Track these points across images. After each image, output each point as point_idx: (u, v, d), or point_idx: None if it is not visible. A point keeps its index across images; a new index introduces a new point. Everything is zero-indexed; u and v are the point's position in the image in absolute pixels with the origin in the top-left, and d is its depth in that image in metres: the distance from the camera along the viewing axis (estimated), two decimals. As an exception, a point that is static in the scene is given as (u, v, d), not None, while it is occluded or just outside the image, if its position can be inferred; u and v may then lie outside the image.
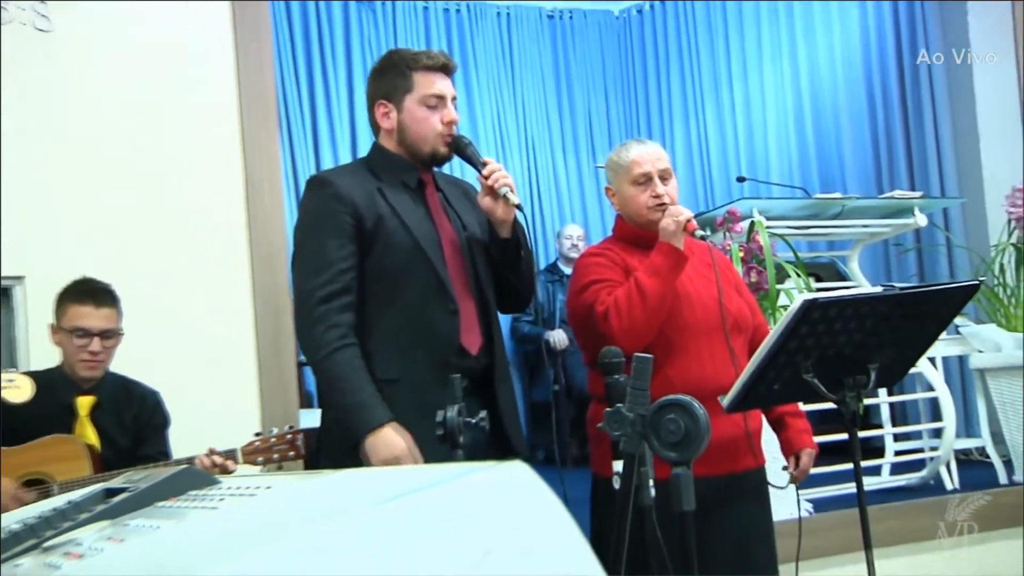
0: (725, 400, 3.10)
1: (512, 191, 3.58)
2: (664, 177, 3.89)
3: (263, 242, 5.35)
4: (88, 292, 4.31)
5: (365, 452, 3.36)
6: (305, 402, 5.51)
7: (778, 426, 4.12)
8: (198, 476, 1.24)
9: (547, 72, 11.09)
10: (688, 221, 3.74)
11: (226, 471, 4.03)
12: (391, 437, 3.38)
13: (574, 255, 9.31)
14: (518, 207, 3.63)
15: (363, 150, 4.22)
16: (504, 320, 6.06)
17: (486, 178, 3.61)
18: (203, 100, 5.39)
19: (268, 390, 5.29)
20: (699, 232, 3.75)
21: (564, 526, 0.78)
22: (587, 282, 3.94)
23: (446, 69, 3.72)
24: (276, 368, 5.33)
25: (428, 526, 0.74)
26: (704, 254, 4.16)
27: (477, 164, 3.66)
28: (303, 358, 5.42)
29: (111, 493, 1.29)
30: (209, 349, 5.08)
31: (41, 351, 4.71)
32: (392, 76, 3.72)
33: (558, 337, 9.14)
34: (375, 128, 3.80)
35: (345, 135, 9.78)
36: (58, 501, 1.47)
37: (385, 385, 3.52)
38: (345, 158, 9.82)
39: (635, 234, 4.00)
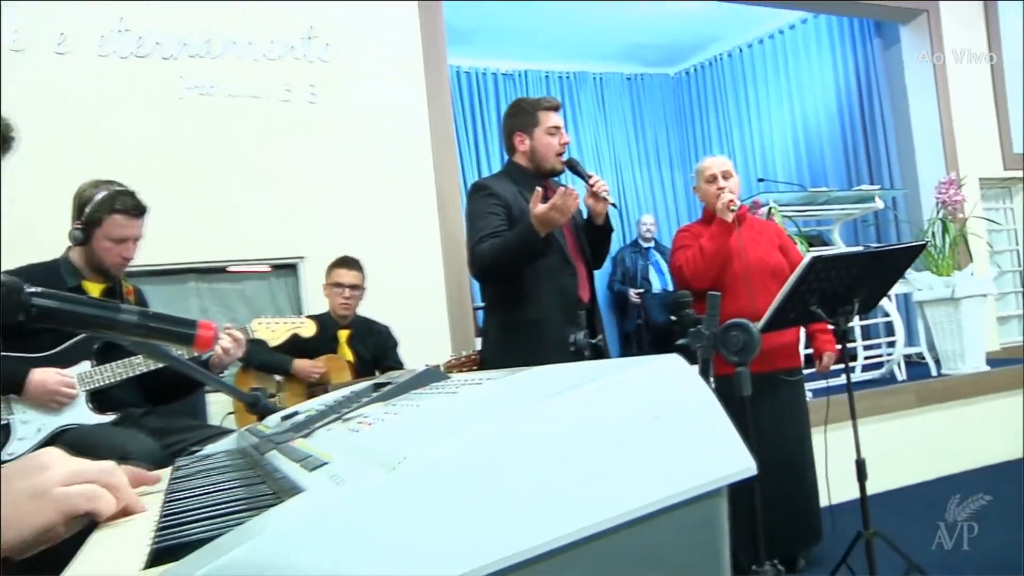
0: (759, 325, 3.07)
1: (607, 192, 3.63)
2: (726, 176, 4.00)
3: (447, 226, 5.55)
4: (345, 261, 4.54)
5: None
6: (478, 334, 5.54)
7: (811, 337, 4.30)
8: (437, 374, 1.23)
9: (627, 116, 11.02)
10: (729, 201, 3.89)
11: None
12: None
13: (648, 236, 9.41)
14: (613, 205, 3.68)
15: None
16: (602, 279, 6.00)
17: (592, 186, 3.62)
18: (411, 141, 5.53)
19: (454, 326, 5.39)
20: (733, 208, 3.90)
21: (714, 408, 0.75)
22: (675, 248, 4.18)
23: (557, 108, 3.79)
24: (459, 311, 5.46)
25: (610, 401, 0.72)
26: (764, 228, 4.32)
27: (584, 176, 3.68)
28: (476, 304, 5.50)
29: (378, 386, 1.29)
30: (416, 298, 5.24)
31: (316, 304, 4.78)
32: (524, 116, 3.77)
33: (634, 292, 9.17)
34: (511, 150, 3.81)
35: (495, 157, 9.72)
36: (340, 394, 1.49)
37: (534, 323, 3.55)
38: (487, 171, 9.79)
39: (711, 217, 4.10)
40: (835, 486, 3.71)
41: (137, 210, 3.20)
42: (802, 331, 4.56)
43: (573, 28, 9.52)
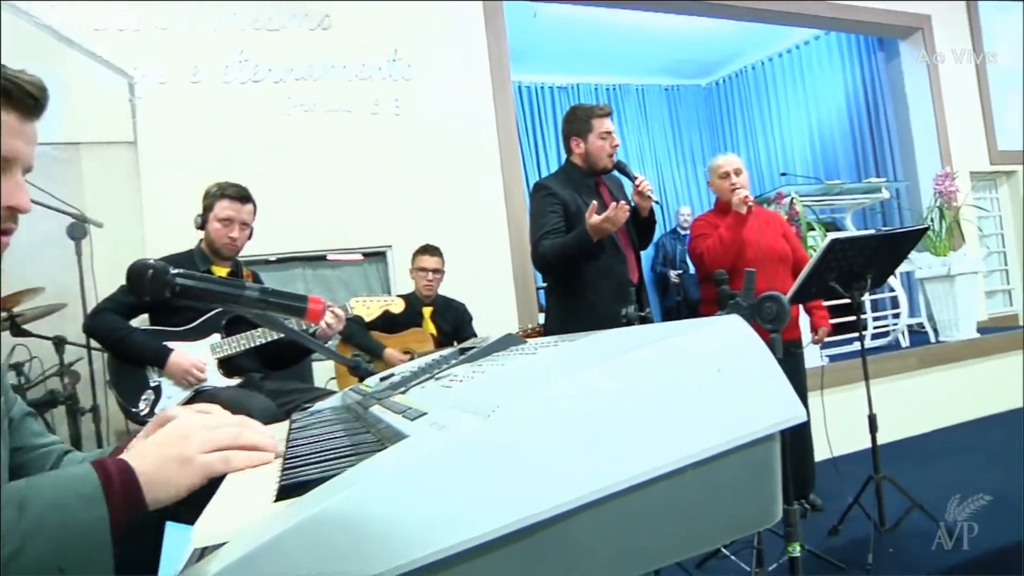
0: (786, 297, 3.00)
1: (651, 191, 3.62)
2: (738, 172, 3.89)
3: (513, 218, 5.54)
4: (427, 249, 4.52)
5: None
6: (540, 310, 5.54)
7: (809, 313, 4.14)
8: (515, 340, 1.21)
9: (665, 122, 10.96)
10: (744, 197, 3.79)
11: None
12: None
13: (685, 224, 9.30)
14: (656, 202, 3.67)
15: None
16: (646, 262, 5.98)
17: (637, 186, 3.61)
18: (481, 146, 5.54)
19: (520, 302, 5.40)
20: (750, 203, 3.80)
21: (769, 362, 0.73)
22: (693, 236, 4.07)
23: (609, 115, 3.72)
24: (524, 290, 5.46)
25: (678, 356, 0.70)
26: (769, 218, 4.18)
27: (631, 177, 3.66)
28: (538, 284, 5.49)
29: (463, 351, 1.28)
30: (487, 279, 5.24)
31: (403, 286, 4.81)
32: (578, 122, 3.70)
33: (674, 272, 9.09)
34: (568, 152, 3.76)
35: (552, 159, 9.70)
36: (429, 359, 1.48)
37: (591, 303, 3.53)
38: (545, 172, 9.79)
39: (723, 207, 4.00)
40: (846, 439, 3.67)
41: (241, 197, 3.28)
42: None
43: (618, 46, 9.50)
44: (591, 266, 3.52)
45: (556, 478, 0.64)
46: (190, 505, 1.11)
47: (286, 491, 0.74)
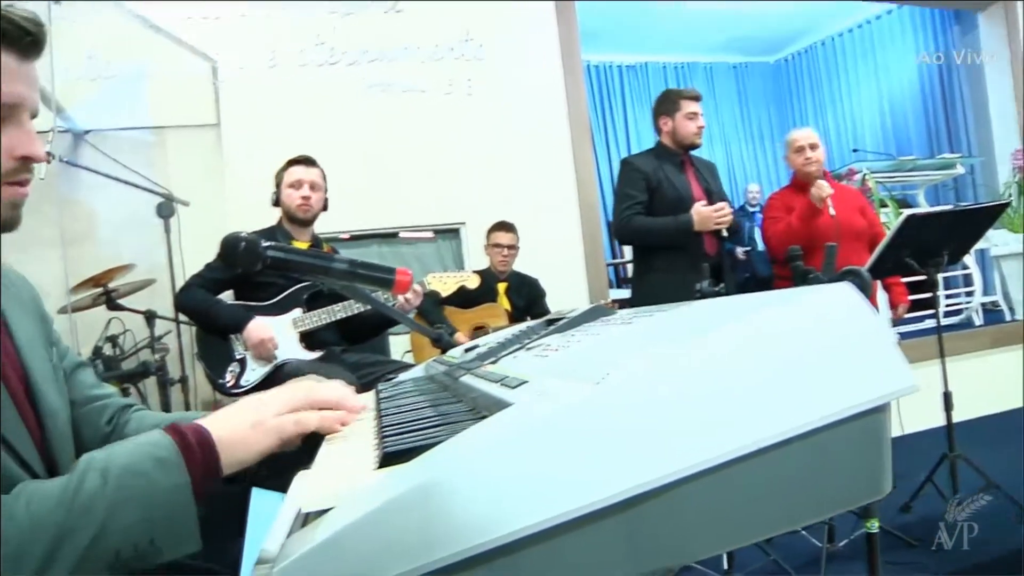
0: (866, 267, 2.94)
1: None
2: (813, 147, 3.81)
3: (583, 196, 5.48)
4: (503, 225, 4.54)
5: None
6: (610, 285, 5.50)
7: (887, 289, 4.04)
8: (605, 310, 1.18)
9: (733, 99, 10.82)
10: (824, 196, 3.69)
11: None
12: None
13: (754, 202, 9.15)
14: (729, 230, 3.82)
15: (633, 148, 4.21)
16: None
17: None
18: (552, 124, 5.46)
19: (591, 279, 5.33)
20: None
21: (880, 330, 0.69)
22: (766, 216, 4.04)
23: (697, 98, 3.87)
24: (594, 266, 5.41)
25: (788, 324, 0.67)
26: (847, 193, 4.09)
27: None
28: (608, 259, 5.45)
29: (550, 322, 1.26)
30: (558, 255, 5.18)
31: (476, 262, 4.82)
32: (668, 103, 3.89)
33: (741, 249, 8.97)
34: (658, 131, 3.91)
35: (622, 136, 9.59)
36: (513, 330, 1.46)
37: (665, 272, 3.66)
38: (616, 154, 9.73)
39: (800, 184, 3.92)
40: (919, 416, 3.55)
41: (306, 160, 3.37)
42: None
43: (686, 24, 9.38)
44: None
45: (665, 447, 0.61)
46: (279, 473, 1.11)
47: (389, 458, 0.72)
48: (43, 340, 1.14)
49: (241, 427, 0.93)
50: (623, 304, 3.86)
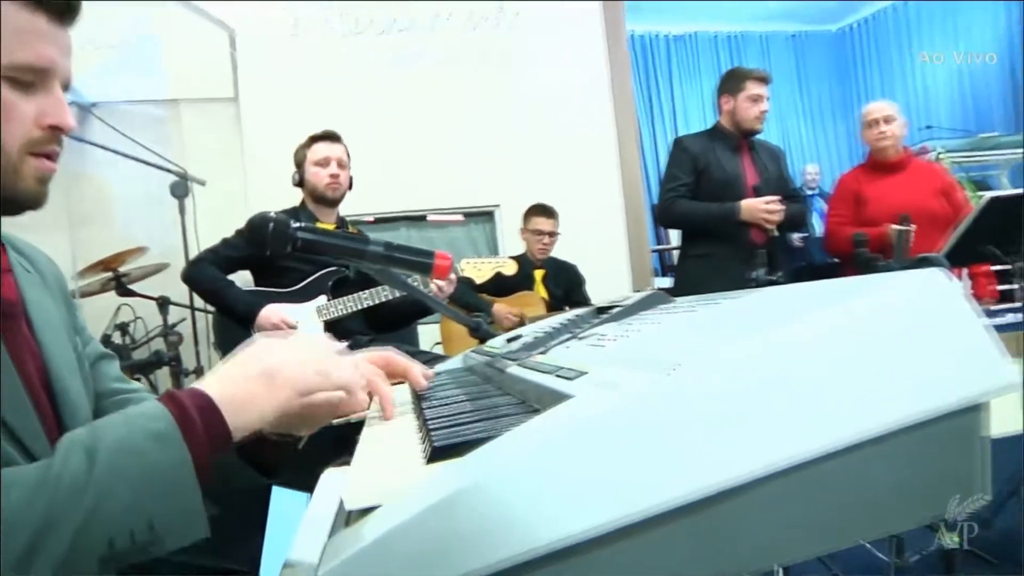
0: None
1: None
2: (888, 120, 3.75)
3: (627, 176, 5.45)
4: (544, 210, 4.53)
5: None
6: (655, 273, 5.49)
7: (972, 279, 3.96)
8: (663, 297, 1.15)
9: (791, 71, 10.71)
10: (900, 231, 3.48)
11: None
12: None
13: (813, 184, 9.04)
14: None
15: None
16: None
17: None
18: (593, 99, 5.45)
19: (634, 266, 5.33)
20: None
21: (976, 322, 0.68)
22: (831, 209, 4.06)
23: (764, 80, 3.85)
24: (638, 253, 5.40)
25: (875, 314, 0.66)
26: (926, 172, 4.00)
27: None
28: (653, 245, 5.44)
29: (601, 311, 1.24)
30: (598, 240, 5.18)
31: (510, 247, 4.82)
32: (732, 81, 3.86)
33: (797, 236, 8.88)
34: (718, 111, 3.93)
35: (668, 112, 9.53)
36: (562, 318, 1.45)
37: (708, 259, 3.68)
38: (661, 132, 9.71)
39: (874, 162, 3.87)
40: (999, 420, 3.46)
41: (330, 136, 3.36)
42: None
43: (739, -11, 9.33)
44: None
45: (742, 445, 0.61)
46: (299, 469, 1.10)
47: (439, 452, 0.73)
48: (67, 327, 1.12)
49: (248, 380, 0.84)
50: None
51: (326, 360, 0.89)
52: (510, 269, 3.48)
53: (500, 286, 4.20)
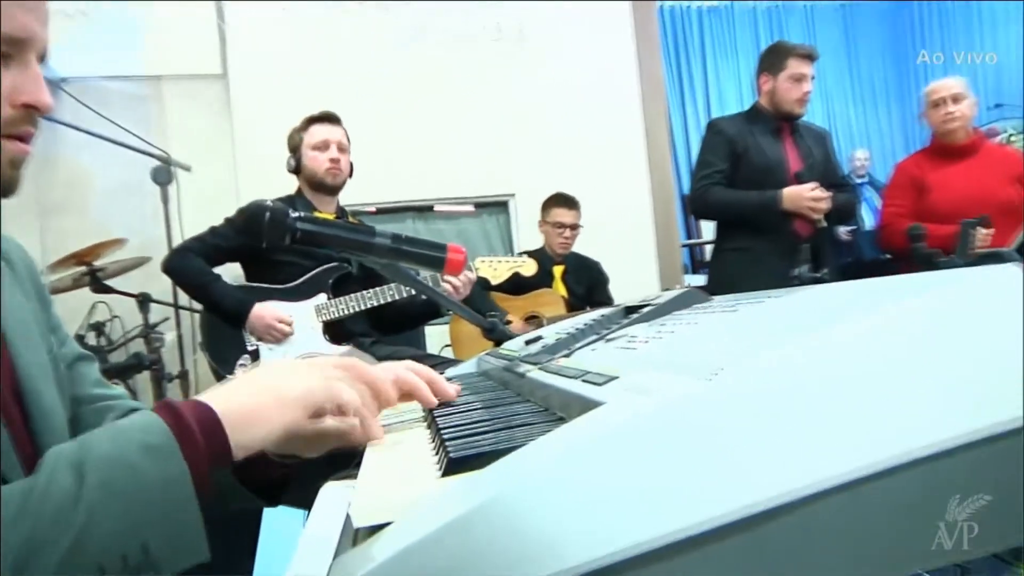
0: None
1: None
2: (956, 99, 3.72)
3: (656, 161, 5.42)
4: (565, 200, 4.54)
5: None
6: (685, 270, 5.48)
7: None
8: (699, 295, 1.15)
9: (839, 46, 10.69)
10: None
11: None
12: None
13: (861, 171, 8.97)
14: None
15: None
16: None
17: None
18: (618, 77, 5.49)
19: (662, 261, 5.31)
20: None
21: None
22: (887, 199, 4.05)
23: (811, 58, 3.81)
24: (667, 247, 5.38)
25: (938, 314, 0.66)
26: (999, 157, 3.93)
27: None
28: (683, 240, 5.43)
29: (630, 310, 1.24)
30: (626, 233, 5.17)
31: (528, 241, 4.82)
32: (774, 57, 3.84)
33: (845, 229, 8.83)
34: (757, 90, 3.91)
35: (700, 91, 9.47)
36: (587, 318, 1.45)
37: (746, 253, 3.67)
38: (692, 114, 9.70)
39: (939, 146, 3.86)
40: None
41: (329, 118, 3.39)
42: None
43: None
44: None
45: (790, 458, 0.60)
46: (300, 483, 1.11)
47: (455, 464, 0.73)
48: (40, 324, 1.11)
49: (254, 397, 0.86)
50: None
51: (344, 385, 0.92)
52: (529, 269, 3.48)
53: (516, 284, 4.20)
